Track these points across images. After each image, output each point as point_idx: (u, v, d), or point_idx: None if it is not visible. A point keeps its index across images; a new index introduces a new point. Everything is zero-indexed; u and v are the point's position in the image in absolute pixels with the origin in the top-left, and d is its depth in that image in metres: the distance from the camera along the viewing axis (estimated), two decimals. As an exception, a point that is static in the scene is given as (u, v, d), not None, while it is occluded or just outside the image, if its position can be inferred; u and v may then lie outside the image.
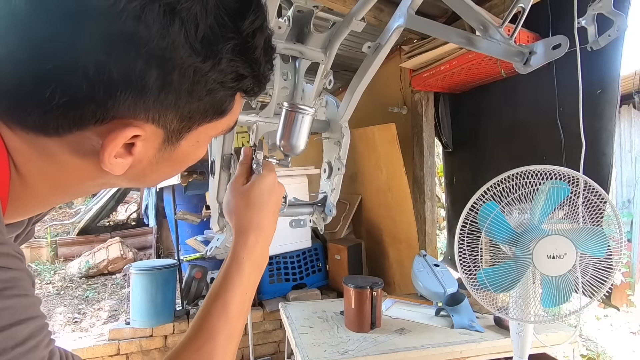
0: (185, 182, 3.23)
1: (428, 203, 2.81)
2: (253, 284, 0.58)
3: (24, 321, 0.32)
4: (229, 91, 0.42)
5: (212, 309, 0.53)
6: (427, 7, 2.33)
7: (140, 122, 0.38)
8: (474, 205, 1.16)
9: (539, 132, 2.16)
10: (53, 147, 0.38)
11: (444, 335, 1.62)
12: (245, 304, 0.56)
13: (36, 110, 0.35)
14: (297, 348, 1.54)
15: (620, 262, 1.14)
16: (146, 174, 0.44)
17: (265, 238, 0.62)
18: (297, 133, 0.70)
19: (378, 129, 2.80)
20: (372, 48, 0.89)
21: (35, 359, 0.32)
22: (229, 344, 0.52)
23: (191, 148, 0.45)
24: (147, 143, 0.40)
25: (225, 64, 0.39)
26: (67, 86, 0.34)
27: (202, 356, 0.49)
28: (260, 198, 0.63)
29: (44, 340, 0.33)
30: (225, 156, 0.87)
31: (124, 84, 0.35)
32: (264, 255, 0.61)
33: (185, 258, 3.24)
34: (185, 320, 2.74)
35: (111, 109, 0.36)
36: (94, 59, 0.33)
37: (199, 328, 0.51)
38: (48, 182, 0.40)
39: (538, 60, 0.80)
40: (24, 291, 0.33)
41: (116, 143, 0.37)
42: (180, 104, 0.39)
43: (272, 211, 0.64)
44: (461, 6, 0.81)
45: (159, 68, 0.35)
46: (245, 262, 0.58)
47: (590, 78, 1.64)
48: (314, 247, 3.13)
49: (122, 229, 6.59)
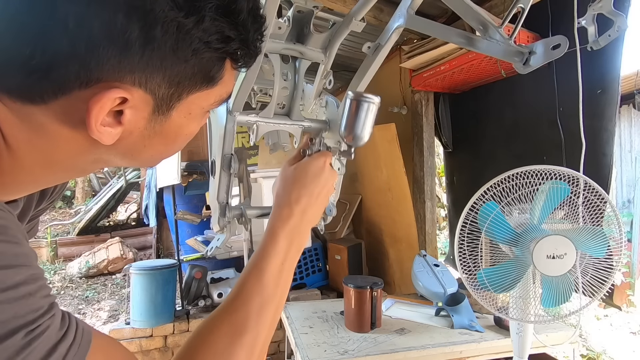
0: (185, 182, 3.24)
1: (428, 203, 2.81)
2: (290, 257, 0.58)
3: (15, 267, 0.31)
4: (216, 53, 0.40)
5: (247, 276, 0.54)
6: (427, 7, 2.33)
7: (126, 85, 0.37)
8: (474, 205, 1.16)
9: (539, 132, 2.16)
10: (41, 116, 0.37)
11: (444, 335, 1.62)
12: (282, 274, 0.56)
13: (18, 73, 0.34)
14: (297, 348, 1.54)
15: (620, 262, 1.14)
16: (139, 148, 0.43)
17: (302, 215, 0.61)
18: (362, 123, 0.68)
19: (378, 129, 2.80)
20: (372, 48, 0.89)
21: (29, 307, 0.31)
22: (264, 310, 0.52)
23: (183, 120, 0.44)
24: (136, 111, 0.39)
25: (209, 22, 0.38)
26: (47, 42, 0.33)
27: (236, 319, 0.50)
28: (304, 177, 0.63)
29: (40, 291, 0.32)
30: (225, 156, 0.87)
31: (106, 40, 0.34)
32: (301, 232, 0.61)
33: (185, 258, 3.24)
34: (185, 321, 2.74)
35: (95, 69, 0.35)
36: (73, 11, 0.33)
37: (235, 295, 0.53)
38: (38, 156, 0.39)
39: (538, 60, 0.80)
40: (14, 239, 0.32)
41: (102, 105, 0.36)
42: (167, 65, 0.38)
43: (316, 193, 0.63)
44: (461, 6, 0.82)
45: (141, 22, 0.34)
46: (279, 233, 0.58)
47: (590, 78, 1.64)
48: (314, 247, 3.13)
49: (122, 229, 6.60)
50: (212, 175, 0.91)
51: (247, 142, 3.77)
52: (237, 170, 0.88)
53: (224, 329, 0.49)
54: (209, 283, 2.96)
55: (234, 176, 0.89)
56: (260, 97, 1.22)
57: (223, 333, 0.49)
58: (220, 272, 3.18)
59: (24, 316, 0.30)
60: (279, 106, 0.93)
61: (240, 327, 0.50)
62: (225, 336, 0.49)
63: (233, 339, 0.49)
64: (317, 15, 0.87)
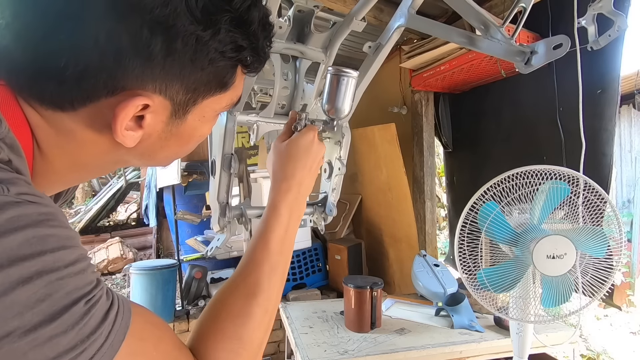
0: (185, 182, 3.23)
1: (428, 203, 2.81)
2: (292, 226, 0.64)
3: (69, 247, 0.34)
4: (229, 62, 0.44)
5: (255, 246, 0.59)
6: (428, 7, 2.33)
7: (148, 93, 0.40)
8: (474, 205, 1.16)
9: (539, 132, 2.16)
10: (70, 122, 0.40)
11: (444, 335, 1.62)
12: (285, 241, 0.62)
13: (52, 82, 0.38)
14: (297, 348, 1.54)
15: (620, 262, 1.14)
16: (156, 149, 0.46)
17: (298, 187, 0.67)
18: (342, 96, 0.73)
19: (378, 129, 2.80)
20: (372, 48, 0.89)
21: (85, 280, 0.35)
22: (273, 274, 0.57)
23: (197, 123, 0.47)
24: (155, 115, 0.42)
25: (224, 33, 0.41)
26: (80, 55, 0.36)
27: (250, 282, 0.55)
28: (296, 152, 0.68)
29: (90, 267, 0.36)
30: (225, 156, 0.87)
31: (132, 52, 0.37)
32: (299, 202, 0.67)
33: (185, 258, 3.23)
34: (185, 320, 2.74)
35: (121, 78, 0.38)
36: (104, 27, 0.36)
37: (245, 263, 0.58)
38: (67, 158, 0.43)
39: (539, 60, 0.80)
40: (64, 224, 0.35)
41: (127, 112, 0.39)
42: (185, 74, 0.41)
43: (308, 166, 0.69)
44: (462, 6, 0.82)
45: (163, 35, 0.38)
46: (280, 206, 0.63)
47: (590, 78, 1.64)
48: (314, 247, 3.12)
49: (122, 229, 6.58)
50: (212, 175, 0.91)
51: (247, 142, 3.77)
52: (237, 170, 0.88)
53: (239, 291, 0.54)
54: (209, 283, 2.96)
55: (234, 176, 0.89)
56: (261, 97, 1.22)
57: (239, 295, 0.54)
58: (220, 272, 3.18)
59: (82, 288, 0.34)
60: (280, 106, 0.93)
61: (254, 289, 0.54)
62: (242, 297, 0.54)
63: (248, 299, 0.53)
64: (318, 15, 0.87)
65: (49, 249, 0.32)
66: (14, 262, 0.30)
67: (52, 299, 0.31)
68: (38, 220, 0.33)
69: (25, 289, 0.30)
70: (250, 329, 0.52)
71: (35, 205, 0.34)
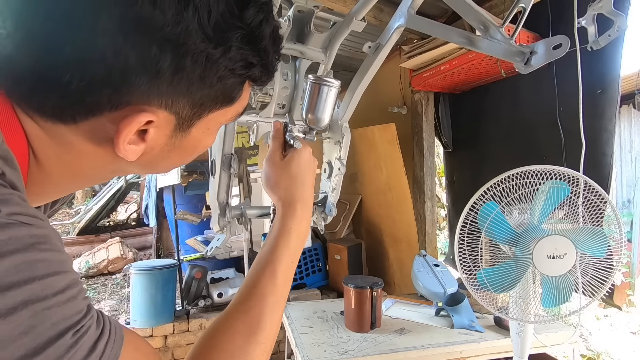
0: (185, 182, 3.23)
1: (428, 203, 2.81)
2: (298, 254, 0.62)
3: (60, 273, 0.33)
4: (239, 79, 0.43)
5: (261, 275, 0.56)
6: (427, 7, 2.33)
7: (153, 108, 0.39)
8: (474, 205, 1.16)
9: (539, 132, 2.15)
10: (69, 135, 0.39)
11: (444, 335, 1.62)
12: (290, 271, 0.59)
13: (54, 96, 0.36)
14: (297, 348, 1.54)
15: (620, 262, 1.14)
16: (157, 161, 0.45)
17: (308, 210, 0.66)
18: (322, 106, 0.71)
19: (378, 129, 2.80)
20: (372, 48, 0.88)
21: (74, 309, 0.33)
22: (276, 308, 0.54)
23: (201, 135, 0.46)
24: (159, 130, 0.41)
25: (235, 51, 0.40)
26: (85, 70, 0.35)
27: (251, 317, 0.52)
28: (301, 171, 0.66)
29: (80, 294, 0.34)
30: (225, 156, 0.87)
31: (139, 69, 0.36)
32: (307, 226, 0.65)
33: (185, 258, 3.24)
34: (185, 320, 2.74)
35: (126, 94, 0.37)
36: (112, 43, 0.35)
37: (249, 292, 0.54)
38: (64, 169, 0.42)
39: (539, 60, 0.80)
40: (57, 248, 0.34)
41: (130, 128, 0.38)
42: (192, 90, 0.40)
43: (311, 184, 0.68)
44: (462, 6, 0.81)
45: (173, 53, 0.36)
46: (292, 232, 0.61)
47: (590, 78, 1.64)
48: (314, 247, 3.12)
49: (122, 229, 6.59)
50: (212, 175, 0.91)
51: (247, 142, 3.77)
52: (237, 170, 0.88)
53: (238, 327, 0.50)
54: (209, 283, 2.96)
55: (234, 176, 0.89)
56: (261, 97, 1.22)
57: (238, 332, 0.50)
58: (220, 272, 3.18)
59: (70, 317, 0.32)
60: (279, 106, 0.93)
61: (255, 326, 0.51)
62: (241, 335, 0.50)
63: (249, 338, 0.50)
64: (318, 15, 0.87)
65: (37, 275, 0.31)
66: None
67: (37, 331, 0.30)
68: (29, 243, 0.31)
69: (7, 321, 0.28)
70: None
71: (27, 227, 0.32)
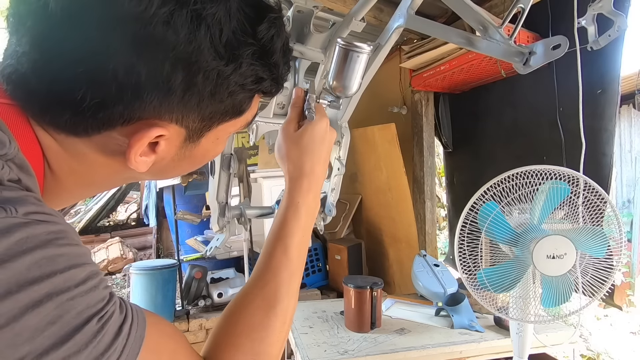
0: (185, 182, 3.23)
1: (428, 203, 2.81)
2: (309, 227, 0.62)
3: (80, 265, 0.34)
4: (249, 93, 0.44)
5: (274, 251, 0.57)
6: (427, 7, 2.32)
7: (164, 123, 0.40)
8: (474, 205, 1.16)
9: (539, 132, 2.15)
10: (82, 147, 0.41)
11: (444, 335, 1.62)
12: (302, 245, 0.60)
13: (68, 112, 0.38)
14: (297, 348, 1.54)
15: (620, 262, 1.14)
16: (168, 169, 0.47)
17: (317, 184, 0.64)
18: (350, 73, 0.65)
19: (378, 129, 2.80)
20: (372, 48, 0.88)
21: (97, 297, 0.34)
22: (291, 281, 0.56)
23: (211, 145, 0.48)
24: (169, 142, 0.42)
25: (246, 67, 0.41)
26: (98, 88, 0.36)
27: (268, 292, 0.54)
28: (313, 144, 0.64)
29: (102, 283, 0.36)
30: (225, 156, 0.87)
31: (151, 86, 0.37)
32: (317, 200, 0.64)
33: (185, 258, 3.24)
34: (185, 320, 2.74)
35: (137, 110, 0.38)
36: (124, 62, 0.36)
37: (264, 269, 0.56)
38: (77, 179, 0.44)
39: (538, 60, 0.80)
40: (74, 242, 0.35)
41: (142, 143, 0.40)
42: (203, 106, 0.41)
43: (324, 158, 0.66)
44: (461, 6, 0.82)
45: (185, 71, 0.37)
46: (301, 207, 0.61)
47: (590, 78, 1.64)
48: (314, 247, 3.12)
49: (122, 229, 6.59)
50: (212, 175, 0.91)
51: (247, 142, 3.77)
52: (237, 170, 0.88)
53: (257, 303, 0.53)
54: (209, 283, 2.96)
55: (233, 176, 0.89)
56: (260, 97, 1.22)
57: (257, 306, 0.52)
58: (220, 272, 3.18)
59: (94, 305, 0.34)
60: (279, 106, 0.93)
61: (273, 300, 0.53)
62: (260, 309, 0.52)
63: (267, 311, 0.52)
64: (317, 15, 0.87)
65: (59, 269, 0.32)
66: (23, 287, 0.30)
67: (64, 320, 0.31)
68: (47, 240, 0.32)
69: (35, 313, 0.30)
70: (268, 343, 0.51)
71: (44, 224, 0.33)
